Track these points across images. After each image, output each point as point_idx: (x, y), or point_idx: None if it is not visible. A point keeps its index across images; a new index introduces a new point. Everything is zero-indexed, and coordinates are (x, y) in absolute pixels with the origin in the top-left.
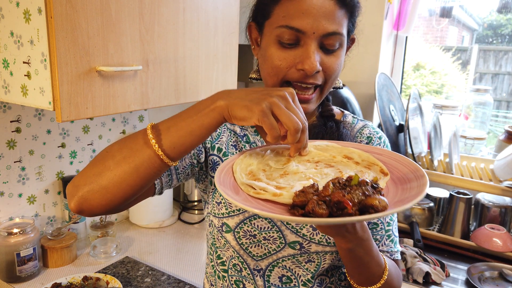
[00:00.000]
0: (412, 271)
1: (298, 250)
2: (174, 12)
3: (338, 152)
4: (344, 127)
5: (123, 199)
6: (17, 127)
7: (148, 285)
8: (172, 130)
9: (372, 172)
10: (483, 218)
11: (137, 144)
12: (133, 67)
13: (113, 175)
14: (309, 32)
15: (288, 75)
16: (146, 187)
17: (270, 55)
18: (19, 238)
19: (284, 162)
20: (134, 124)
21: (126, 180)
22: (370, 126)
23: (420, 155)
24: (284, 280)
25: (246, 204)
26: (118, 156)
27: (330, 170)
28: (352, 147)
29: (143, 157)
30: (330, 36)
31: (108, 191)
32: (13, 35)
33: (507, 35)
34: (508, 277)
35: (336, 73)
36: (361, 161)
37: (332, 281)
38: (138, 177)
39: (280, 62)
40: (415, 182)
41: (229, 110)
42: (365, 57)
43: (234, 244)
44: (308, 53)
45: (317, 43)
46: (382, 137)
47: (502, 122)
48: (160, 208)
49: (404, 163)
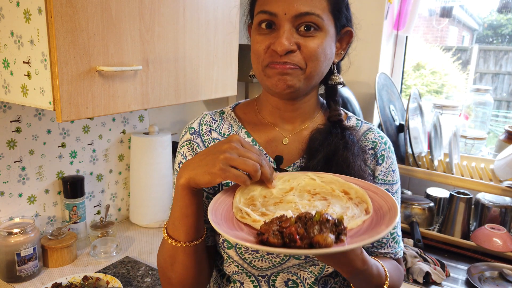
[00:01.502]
0: (412, 271)
1: (303, 260)
2: (174, 12)
3: (339, 186)
4: (351, 134)
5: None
6: (17, 127)
7: (148, 285)
8: (176, 224)
9: (357, 209)
10: (483, 218)
11: (168, 251)
12: (133, 67)
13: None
14: (281, 14)
15: (265, 58)
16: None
17: (252, 41)
18: (19, 238)
19: (286, 190)
20: (134, 124)
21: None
22: (375, 130)
23: (420, 155)
24: (290, 284)
25: (215, 224)
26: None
27: (320, 203)
28: (354, 183)
29: (179, 255)
30: (303, 16)
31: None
32: (13, 35)
33: (507, 35)
34: (508, 277)
35: (315, 54)
36: (355, 197)
37: (337, 281)
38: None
39: (258, 46)
40: (386, 219)
41: (193, 182)
42: (365, 57)
43: (237, 259)
44: (279, 33)
45: (291, 25)
46: (387, 143)
47: (502, 122)
48: (160, 208)
49: (389, 205)
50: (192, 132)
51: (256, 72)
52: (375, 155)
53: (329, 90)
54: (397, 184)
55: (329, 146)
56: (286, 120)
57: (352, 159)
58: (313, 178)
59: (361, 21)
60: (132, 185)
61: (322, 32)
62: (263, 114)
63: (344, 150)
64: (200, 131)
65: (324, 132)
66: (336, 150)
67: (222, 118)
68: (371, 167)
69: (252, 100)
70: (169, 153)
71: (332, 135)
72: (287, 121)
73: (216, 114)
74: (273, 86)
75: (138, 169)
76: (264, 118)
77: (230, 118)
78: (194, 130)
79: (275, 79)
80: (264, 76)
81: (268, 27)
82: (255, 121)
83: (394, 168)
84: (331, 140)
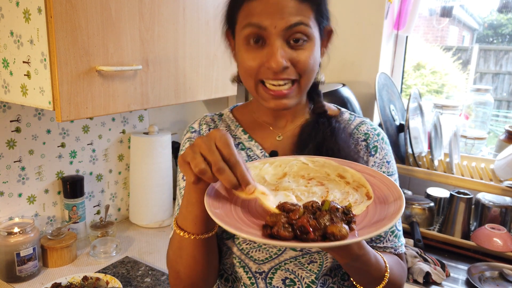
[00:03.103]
0: (413, 271)
1: (299, 251)
2: (174, 11)
3: (333, 170)
4: (336, 122)
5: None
6: (17, 127)
7: (148, 285)
8: (183, 212)
9: (358, 194)
10: (484, 218)
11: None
12: (133, 66)
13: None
14: (270, 28)
15: (259, 74)
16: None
17: (241, 57)
18: (19, 238)
19: (279, 176)
20: (134, 124)
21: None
22: (368, 123)
23: (421, 155)
24: (287, 282)
25: (217, 218)
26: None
27: (318, 189)
28: (348, 166)
29: (187, 247)
30: (292, 28)
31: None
32: (13, 34)
33: (508, 34)
34: (508, 277)
35: (309, 67)
36: (352, 181)
37: (335, 281)
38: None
39: (250, 63)
40: (392, 206)
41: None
42: (366, 56)
43: (235, 250)
44: (273, 50)
45: (282, 39)
46: (380, 134)
47: (503, 122)
48: (160, 208)
49: (391, 188)
50: (193, 131)
51: (248, 87)
52: (367, 146)
53: (311, 86)
54: (394, 176)
55: (317, 135)
56: (279, 118)
57: (342, 143)
58: (305, 162)
59: (361, 20)
60: (131, 185)
61: (311, 41)
62: (258, 114)
63: (332, 136)
64: (200, 130)
65: (311, 124)
66: (324, 137)
67: (221, 120)
68: (364, 158)
69: (249, 102)
70: (169, 153)
71: (319, 125)
72: (280, 118)
73: (215, 116)
74: (269, 106)
75: (137, 169)
76: (259, 117)
77: (228, 119)
78: (194, 130)
79: (271, 102)
80: (258, 94)
81: (256, 41)
82: (251, 121)
83: (389, 160)
84: (319, 129)
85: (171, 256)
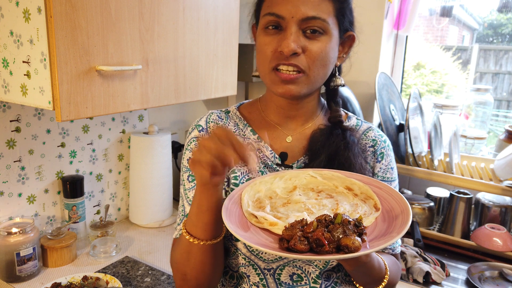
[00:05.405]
0: (412, 271)
1: None
2: (174, 11)
3: (341, 182)
4: (351, 135)
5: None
6: (16, 127)
7: (148, 284)
8: (193, 220)
9: (366, 206)
10: (483, 218)
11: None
12: (133, 66)
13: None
14: (288, 17)
15: (273, 60)
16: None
17: (258, 43)
18: (19, 237)
19: (290, 189)
20: (134, 124)
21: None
22: (375, 129)
23: (420, 154)
24: (295, 278)
25: (239, 233)
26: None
27: (328, 202)
28: (355, 178)
29: (196, 252)
30: (309, 20)
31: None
32: (13, 34)
33: (508, 34)
34: (508, 277)
35: (319, 58)
36: (359, 193)
37: (339, 276)
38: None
39: (265, 47)
40: (399, 218)
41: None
42: (365, 56)
43: (245, 251)
44: (286, 35)
45: (297, 27)
46: (387, 141)
47: (503, 121)
48: (160, 208)
49: (397, 200)
50: (200, 130)
51: (262, 73)
52: (375, 152)
53: (330, 92)
54: (395, 182)
55: (331, 146)
56: (289, 119)
57: (353, 158)
58: (313, 175)
59: (361, 20)
60: (131, 185)
61: (327, 35)
62: (266, 113)
63: (345, 150)
64: (207, 128)
65: (325, 133)
66: (338, 150)
67: (228, 117)
68: (371, 164)
69: (256, 100)
70: (169, 152)
71: (333, 136)
72: (290, 120)
73: (221, 113)
74: (277, 92)
75: (137, 168)
76: (268, 116)
77: (235, 117)
78: (202, 128)
79: (280, 86)
80: (269, 79)
81: (275, 28)
82: (260, 120)
83: (393, 166)
84: (333, 141)
85: (178, 259)
